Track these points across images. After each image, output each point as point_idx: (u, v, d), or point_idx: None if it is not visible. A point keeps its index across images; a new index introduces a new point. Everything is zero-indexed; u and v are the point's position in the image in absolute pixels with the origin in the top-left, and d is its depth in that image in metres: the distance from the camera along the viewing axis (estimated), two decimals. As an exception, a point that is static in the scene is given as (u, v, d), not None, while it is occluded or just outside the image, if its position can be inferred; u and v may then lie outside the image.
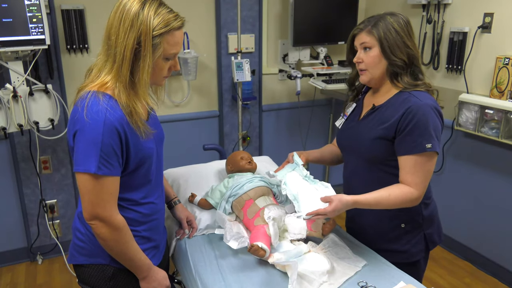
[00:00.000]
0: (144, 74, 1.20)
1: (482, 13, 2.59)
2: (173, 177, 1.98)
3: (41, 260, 2.94)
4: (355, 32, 1.53)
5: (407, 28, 1.48)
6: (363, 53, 1.50)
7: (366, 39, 1.48)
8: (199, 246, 1.63)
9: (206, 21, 3.06)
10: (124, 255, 1.31)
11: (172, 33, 1.22)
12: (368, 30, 1.48)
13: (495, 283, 2.73)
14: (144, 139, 1.27)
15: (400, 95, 1.49)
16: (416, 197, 1.44)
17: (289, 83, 3.42)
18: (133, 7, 1.18)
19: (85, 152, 1.17)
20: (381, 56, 1.47)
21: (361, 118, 1.61)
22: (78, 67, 2.74)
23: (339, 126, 1.73)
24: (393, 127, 1.46)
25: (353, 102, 1.69)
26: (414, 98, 1.44)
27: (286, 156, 1.78)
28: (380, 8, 3.37)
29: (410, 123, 1.42)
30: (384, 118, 1.49)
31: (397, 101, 1.49)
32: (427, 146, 1.40)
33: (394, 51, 1.45)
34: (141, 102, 1.23)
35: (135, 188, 1.32)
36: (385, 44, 1.45)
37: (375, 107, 1.55)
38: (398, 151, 1.46)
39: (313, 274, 1.38)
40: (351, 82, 1.69)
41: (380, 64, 1.48)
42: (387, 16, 1.49)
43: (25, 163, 2.76)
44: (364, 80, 1.55)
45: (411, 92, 1.47)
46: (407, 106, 1.43)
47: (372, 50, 1.47)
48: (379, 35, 1.45)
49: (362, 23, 1.52)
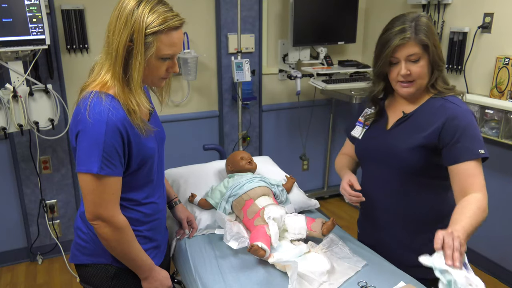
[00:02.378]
0: (135, 72, 1.19)
1: (482, 13, 2.60)
2: (173, 177, 1.98)
3: (41, 260, 2.94)
4: (398, 43, 1.34)
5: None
6: (410, 65, 1.36)
7: (415, 49, 1.34)
8: (199, 246, 1.63)
9: (206, 21, 3.06)
10: (126, 255, 1.31)
11: (168, 33, 1.19)
12: (416, 38, 1.33)
13: (495, 283, 2.73)
14: (145, 137, 1.27)
15: (433, 100, 1.41)
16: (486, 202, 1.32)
17: (289, 83, 3.42)
18: (130, 4, 1.17)
19: (87, 152, 1.17)
20: (429, 64, 1.37)
21: (389, 127, 1.51)
22: (78, 67, 2.74)
23: (359, 137, 1.60)
24: (434, 135, 1.37)
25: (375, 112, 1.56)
26: (451, 104, 1.37)
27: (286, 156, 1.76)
28: (380, 8, 3.37)
29: (458, 130, 1.34)
30: (421, 125, 1.40)
31: (432, 107, 1.40)
32: (480, 152, 1.33)
33: (440, 56, 1.36)
34: (136, 99, 1.22)
35: (137, 188, 1.33)
36: (434, 50, 1.35)
37: (406, 114, 1.45)
38: (450, 159, 1.36)
39: (313, 274, 1.38)
40: (376, 98, 1.54)
41: (428, 73, 1.39)
42: (421, 17, 1.36)
43: (25, 163, 2.76)
44: (410, 92, 1.41)
45: (445, 98, 1.39)
46: (447, 113, 1.36)
47: (422, 60, 1.35)
48: (427, 42, 1.33)
49: (401, 31, 1.34)
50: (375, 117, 1.56)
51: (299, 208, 1.86)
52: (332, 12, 3.21)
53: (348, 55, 3.60)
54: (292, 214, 1.68)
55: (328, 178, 3.83)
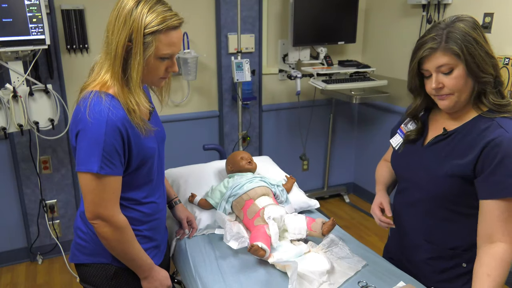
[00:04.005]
0: (134, 72, 1.19)
1: (482, 13, 2.59)
2: (173, 177, 1.98)
3: (41, 260, 2.94)
4: (426, 54, 1.21)
5: (481, 32, 1.19)
6: (442, 77, 1.21)
7: (444, 60, 1.18)
8: (199, 246, 1.63)
9: (206, 21, 3.06)
10: (126, 255, 1.31)
11: (167, 33, 1.19)
12: (444, 47, 1.18)
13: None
14: (145, 137, 1.27)
15: (481, 120, 1.23)
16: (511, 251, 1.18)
17: (289, 83, 3.42)
18: (129, 4, 1.18)
19: (87, 152, 1.18)
20: (466, 76, 1.19)
21: (426, 143, 1.36)
22: (78, 67, 2.74)
23: (396, 147, 1.46)
24: (471, 164, 1.21)
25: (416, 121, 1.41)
26: (499, 129, 1.18)
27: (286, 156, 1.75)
28: (380, 8, 3.37)
29: (495, 159, 1.17)
30: (460, 150, 1.25)
31: (477, 128, 1.22)
32: None
33: (482, 66, 1.17)
34: (135, 99, 1.22)
35: (137, 188, 1.33)
36: (470, 60, 1.17)
37: (447, 132, 1.29)
38: (481, 193, 1.21)
39: (313, 274, 1.38)
40: (415, 113, 1.39)
41: (467, 85, 1.20)
42: (457, 23, 1.19)
43: (25, 163, 2.76)
44: (448, 106, 1.25)
45: (495, 119, 1.21)
46: (490, 138, 1.18)
47: (455, 71, 1.19)
48: (461, 50, 1.16)
49: (428, 40, 1.20)
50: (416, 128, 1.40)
51: (299, 208, 1.86)
52: (332, 12, 3.21)
53: (348, 55, 3.60)
54: (292, 214, 1.68)
55: (328, 178, 3.83)
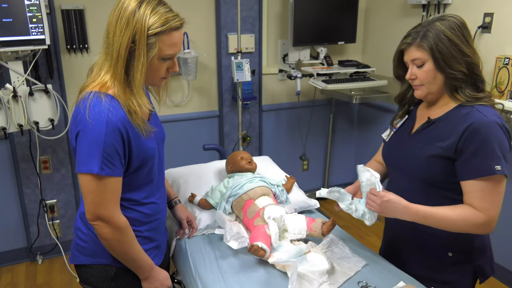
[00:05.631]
0: (138, 73, 1.19)
1: (482, 13, 2.59)
2: (173, 177, 1.98)
3: (41, 260, 2.94)
4: (403, 47, 1.36)
5: (461, 32, 1.29)
6: (415, 69, 1.34)
7: (417, 54, 1.32)
8: (199, 246, 1.63)
9: (206, 21, 3.06)
10: (126, 255, 1.31)
11: (169, 33, 1.20)
12: (417, 44, 1.31)
13: (495, 283, 2.73)
14: (145, 138, 1.27)
15: (461, 108, 1.33)
16: (483, 221, 1.28)
17: (289, 83, 3.42)
18: (131, 5, 1.17)
19: (87, 153, 1.17)
20: (435, 70, 1.31)
21: (413, 132, 1.46)
22: (78, 67, 2.74)
23: (386, 139, 1.57)
24: (452, 146, 1.30)
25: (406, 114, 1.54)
26: (478, 113, 1.28)
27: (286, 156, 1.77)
28: (380, 8, 3.37)
29: (474, 143, 1.26)
30: (442, 134, 1.34)
31: (457, 115, 1.33)
32: (497, 168, 1.24)
33: (450, 63, 1.28)
34: (137, 100, 1.22)
35: (137, 188, 1.33)
36: (439, 57, 1.28)
37: (430, 120, 1.40)
38: (461, 175, 1.30)
39: (313, 274, 1.38)
40: (401, 98, 1.52)
41: (436, 79, 1.33)
42: (437, 22, 1.30)
43: (25, 163, 2.76)
44: (420, 95, 1.39)
45: (474, 106, 1.31)
46: (469, 123, 1.27)
47: (425, 65, 1.31)
48: (430, 47, 1.28)
49: (409, 35, 1.35)
50: (404, 121, 1.52)
51: (299, 208, 1.86)
52: (332, 12, 3.21)
53: (348, 55, 3.60)
54: (292, 214, 1.68)
55: (328, 178, 3.83)
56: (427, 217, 1.31)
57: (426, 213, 1.30)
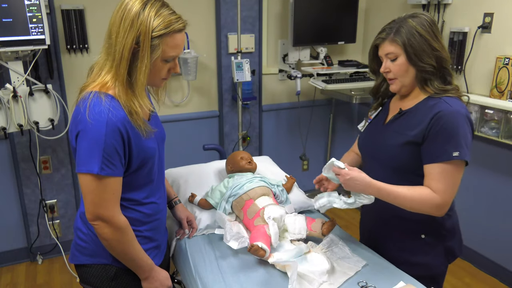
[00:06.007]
0: (141, 74, 1.20)
1: (482, 13, 2.59)
2: (173, 177, 1.98)
3: (41, 260, 2.94)
4: (378, 42, 1.45)
5: (431, 29, 1.39)
6: (389, 63, 1.43)
7: (390, 48, 1.40)
8: (199, 246, 1.63)
9: (206, 21, 3.06)
10: (127, 255, 1.31)
11: (173, 36, 1.21)
12: (390, 39, 1.40)
13: (495, 283, 2.73)
14: (146, 138, 1.27)
15: (430, 100, 1.43)
16: (437, 203, 1.36)
17: (289, 83, 3.42)
18: (135, 6, 1.18)
19: (88, 153, 1.18)
20: (408, 64, 1.40)
21: (386, 122, 1.55)
22: (78, 67, 2.74)
23: (361, 129, 1.65)
24: (421, 133, 1.39)
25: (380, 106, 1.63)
26: (444, 104, 1.38)
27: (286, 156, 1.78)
28: (380, 8, 3.37)
29: (437, 129, 1.36)
30: (413, 123, 1.43)
31: (426, 106, 1.42)
32: (454, 154, 1.33)
33: (421, 57, 1.38)
34: (139, 101, 1.23)
35: (138, 188, 1.33)
36: (410, 51, 1.37)
37: (402, 111, 1.48)
38: (424, 159, 1.40)
39: (313, 274, 1.38)
40: (375, 91, 1.62)
41: (408, 72, 1.42)
42: (409, 19, 1.39)
43: (25, 163, 2.76)
44: (395, 89, 1.48)
45: (442, 98, 1.40)
46: (436, 111, 1.37)
47: (398, 59, 1.40)
48: (403, 42, 1.37)
49: (383, 31, 1.43)
50: (378, 112, 1.61)
51: (299, 208, 1.86)
52: (332, 12, 3.21)
53: (348, 55, 3.60)
54: (292, 214, 1.68)
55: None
56: (389, 195, 1.38)
57: (387, 190, 1.38)
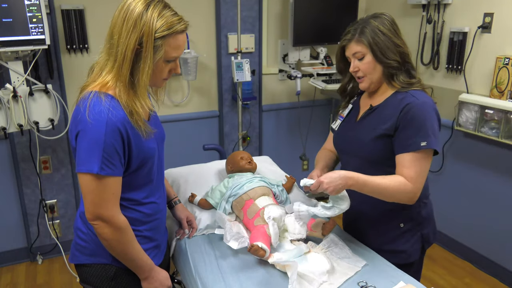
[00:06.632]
0: (143, 75, 1.20)
1: (482, 13, 2.59)
2: (173, 177, 1.98)
3: (41, 260, 2.94)
4: (344, 44, 1.53)
5: (393, 27, 1.49)
6: (357, 62, 1.51)
7: (357, 48, 1.49)
8: (199, 246, 1.63)
9: (206, 21, 3.06)
10: (126, 255, 1.31)
11: (175, 36, 1.22)
12: (356, 39, 1.48)
13: (495, 283, 2.73)
14: (145, 138, 1.27)
15: (397, 94, 1.51)
16: (410, 189, 1.43)
17: (289, 83, 3.42)
18: (137, 7, 1.18)
19: (87, 153, 1.18)
20: (375, 61, 1.48)
21: (358, 119, 1.62)
22: (78, 67, 2.74)
23: (335, 128, 1.72)
24: (392, 126, 1.47)
25: (349, 104, 1.70)
26: (412, 97, 1.46)
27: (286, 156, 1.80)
28: (380, 8, 3.37)
29: (406, 121, 1.44)
30: (384, 117, 1.51)
31: (395, 100, 1.50)
32: (421, 144, 1.42)
33: (386, 54, 1.46)
34: (140, 102, 1.23)
35: (137, 188, 1.33)
36: (376, 49, 1.46)
37: (372, 107, 1.56)
38: (395, 149, 1.48)
39: (313, 274, 1.38)
40: (343, 90, 1.71)
41: (376, 69, 1.50)
42: (371, 20, 1.49)
43: (25, 163, 2.76)
44: (365, 87, 1.56)
45: (408, 91, 1.49)
46: (404, 104, 1.45)
47: (365, 57, 1.49)
48: (368, 41, 1.46)
49: (348, 33, 1.52)
50: (350, 110, 1.68)
51: (299, 208, 1.85)
52: (332, 12, 3.21)
53: (348, 55, 3.60)
54: (292, 214, 1.68)
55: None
56: (366, 184, 1.43)
57: (364, 181, 1.43)
